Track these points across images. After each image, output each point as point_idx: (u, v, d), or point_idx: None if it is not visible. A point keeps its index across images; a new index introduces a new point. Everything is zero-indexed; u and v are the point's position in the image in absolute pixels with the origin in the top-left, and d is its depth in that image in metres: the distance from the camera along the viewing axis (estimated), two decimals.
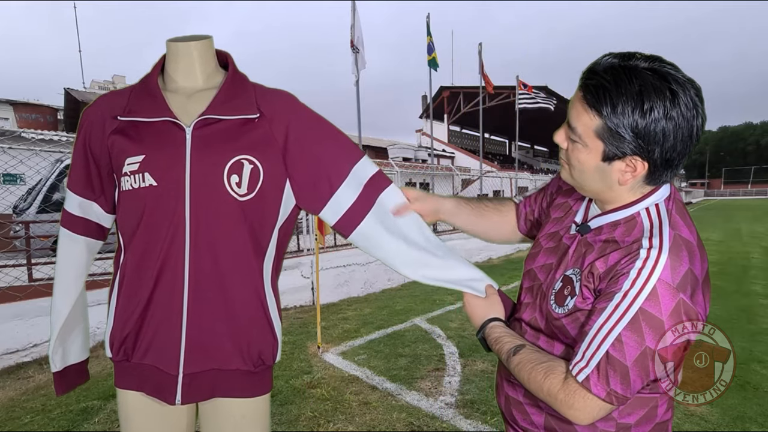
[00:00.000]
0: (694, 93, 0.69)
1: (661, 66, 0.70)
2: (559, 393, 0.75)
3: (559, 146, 0.83)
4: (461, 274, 1.03)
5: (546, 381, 0.77)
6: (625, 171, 0.75)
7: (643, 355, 0.69)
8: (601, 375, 0.71)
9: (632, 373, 0.70)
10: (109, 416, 2.58)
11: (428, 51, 11.37)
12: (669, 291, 0.68)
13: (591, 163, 0.77)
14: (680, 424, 2.45)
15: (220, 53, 1.04)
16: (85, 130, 0.98)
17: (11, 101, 17.46)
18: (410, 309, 4.91)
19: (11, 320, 3.47)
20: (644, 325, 0.68)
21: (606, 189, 0.79)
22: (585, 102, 0.73)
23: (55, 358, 1.04)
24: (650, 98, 0.68)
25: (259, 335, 0.98)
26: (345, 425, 2.46)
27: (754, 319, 4.48)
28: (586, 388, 0.72)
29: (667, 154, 0.71)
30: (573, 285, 0.80)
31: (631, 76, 0.69)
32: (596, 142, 0.74)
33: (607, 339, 0.70)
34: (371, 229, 1.03)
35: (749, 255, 8.86)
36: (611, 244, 0.77)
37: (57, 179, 6.67)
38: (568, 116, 0.78)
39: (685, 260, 0.70)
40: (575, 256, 0.83)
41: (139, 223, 0.92)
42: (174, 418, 1.01)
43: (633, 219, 0.78)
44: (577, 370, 0.73)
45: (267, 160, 0.95)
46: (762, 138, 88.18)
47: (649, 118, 0.69)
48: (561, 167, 0.86)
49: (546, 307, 0.85)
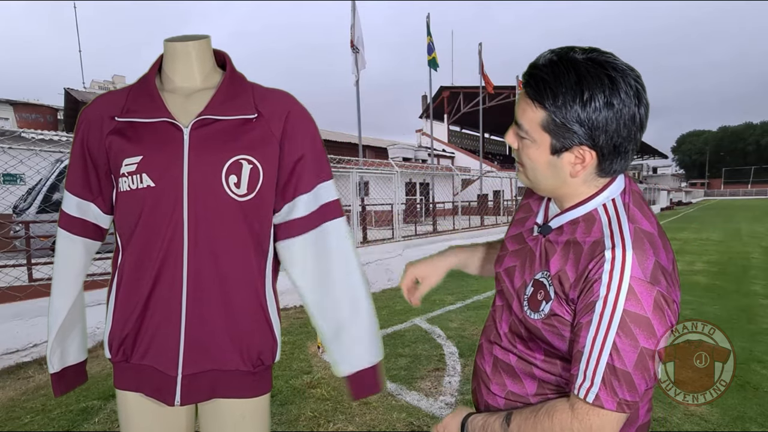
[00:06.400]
0: (633, 79, 0.71)
1: (599, 55, 0.71)
2: (573, 423, 0.72)
3: (511, 148, 0.84)
4: (345, 344, 1.04)
5: (555, 420, 0.74)
6: (575, 163, 0.75)
7: (642, 356, 0.69)
8: (608, 388, 0.69)
9: (636, 378, 0.69)
10: (109, 416, 2.58)
11: (428, 51, 11.38)
12: (644, 286, 0.68)
13: (542, 159, 0.77)
14: (680, 424, 2.44)
15: (218, 53, 1.04)
16: (82, 130, 0.97)
17: (11, 101, 17.45)
18: (410, 309, 4.91)
19: (11, 320, 3.47)
20: (633, 327, 0.68)
21: (560, 184, 0.79)
22: (528, 96, 0.75)
23: (53, 359, 1.03)
24: (589, 86, 0.69)
25: (259, 335, 0.98)
26: (345, 425, 2.46)
27: (754, 319, 4.47)
28: (599, 406, 0.70)
29: (613, 141, 0.72)
30: (546, 289, 0.79)
31: (569, 67, 0.71)
32: (543, 135, 0.75)
33: (603, 351, 0.69)
34: (299, 248, 1.02)
35: (749, 255, 8.86)
36: (574, 246, 0.77)
37: (57, 179, 6.67)
38: (515, 114, 0.79)
39: (650, 253, 0.71)
40: (541, 259, 0.82)
41: (137, 224, 0.92)
42: (173, 418, 1.01)
43: (591, 216, 0.78)
44: (584, 392, 0.71)
45: (266, 160, 0.95)
46: (762, 138, 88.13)
47: (590, 107, 0.70)
48: (517, 171, 0.86)
49: (521, 312, 0.83)
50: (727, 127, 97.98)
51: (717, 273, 7.01)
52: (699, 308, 4.92)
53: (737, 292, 5.65)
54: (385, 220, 9.28)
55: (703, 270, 7.28)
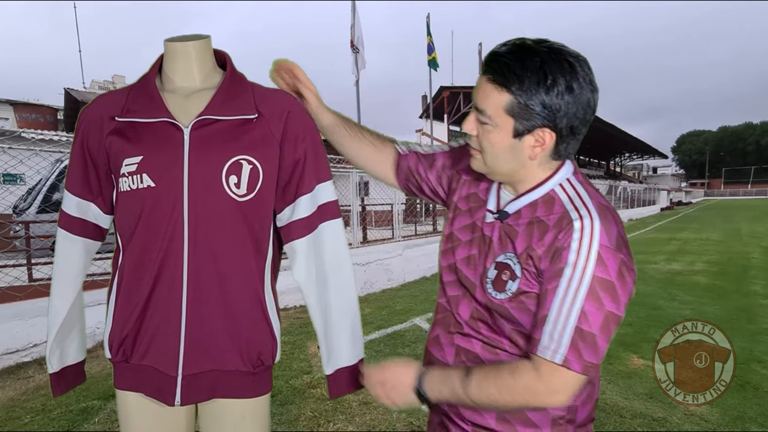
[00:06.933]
0: (585, 66, 0.76)
1: (554, 44, 0.76)
2: (539, 385, 0.75)
3: (468, 136, 0.86)
4: (332, 343, 1.05)
5: (519, 381, 0.77)
6: (535, 146, 0.79)
7: (606, 319, 0.73)
8: (575, 350, 0.73)
9: (599, 340, 0.73)
10: (109, 416, 2.58)
11: (428, 51, 11.38)
12: (611, 253, 0.73)
13: (503, 143, 0.80)
14: (680, 424, 2.44)
15: (218, 53, 1.04)
16: (82, 130, 0.97)
17: (11, 101, 17.45)
18: (410, 309, 4.91)
19: (11, 320, 3.46)
20: (600, 291, 0.72)
21: (519, 167, 0.82)
22: (493, 82, 0.77)
23: (52, 359, 1.03)
24: (552, 71, 0.73)
25: (259, 336, 0.98)
26: (345, 425, 2.46)
27: (754, 319, 4.47)
28: (566, 367, 0.74)
29: (571, 122, 0.76)
30: (512, 269, 0.81)
31: (531, 54, 0.75)
32: (506, 119, 0.78)
33: (571, 314, 0.73)
34: (301, 249, 1.03)
35: (749, 255, 8.86)
36: (537, 224, 0.80)
37: (57, 179, 6.66)
38: (475, 101, 0.82)
39: (613, 223, 0.76)
40: (501, 243, 0.84)
41: (138, 224, 0.92)
42: (173, 418, 1.01)
43: (549, 196, 0.82)
44: (551, 354, 0.74)
45: (266, 160, 0.95)
46: (762, 138, 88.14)
47: (554, 90, 0.74)
48: (472, 158, 0.88)
49: (485, 296, 0.85)
50: (727, 127, 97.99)
51: (717, 273, 7.01)
52: (699, 308, 4.91)
53: (737, 292, 5.65)
54: (385, 220, 9.28)
55: (703, 270, 7.28)
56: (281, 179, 1.00)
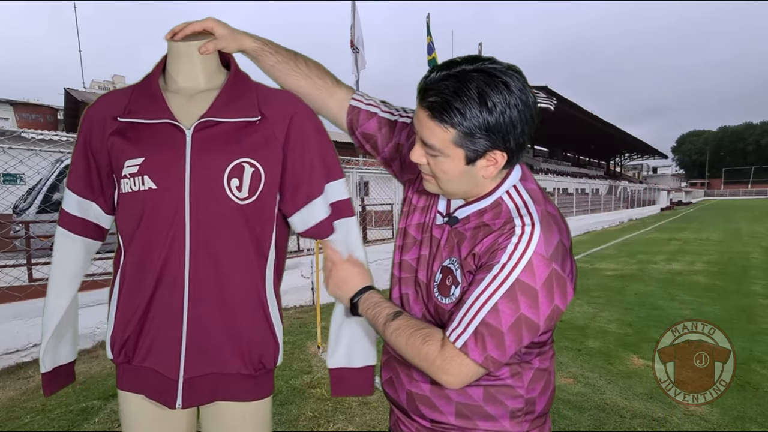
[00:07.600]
0: (518, 77, 0.75)
1: (484, 64, 0.75)
2: (437, 359, 0.78)
3: (419, 164, 0.85)
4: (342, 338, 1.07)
5: (424, 347, 0.79)
6: (488, 166, 0.80)
7: (518, 321, 0.74)
8: (479, 340, 0.75)
9: (507, 339, 0.75)
10: (109, 416, 2.57)
11: (428, 51, 11.36)
12: (543, 262, 0.74)
13: (456, 170, 0.80)
14: (680, 424, 2.44)
15: (223, 53, 1.03)
16: (85, 129, 0.97)
17: (11, 101, 17.45)
18: None
19: (11, 320, 3.46)
20: (519, 294, 0.74)
21: (473, 187, 0.84)
22: (434, 119, 0.76)
23: (45, 359, 1.02)
24: (489, 95, 0.73)
25: (260, 339, 0.97)
26: (345, 425, 2.46)
27: (754, 319, 4.47)
28: (464, 354, 0.76)
29: (519, 139, 0.77)
30: (454, 274, 0.83)
31: (466, 81, 0.74)
32: (456, 150, 0.78)
33: (484, 307, 0.75)
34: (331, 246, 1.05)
35: (749, 255, 8.86)
36: (483, 229, 0.82)
37: (57, 179, 6.66)
38: (420, 135, 0.81)
39: (555, 232, 0.77)
40: (448, 247, 0.86)
41: (139, 226, 0.92)
42: (175, 421, 1.00)
43: (497, 203, 0.83)
44: (455, 336, 0.77)
45: (268, 163, 0.94)
46: (762, 138, 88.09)
47: (496, 113, 0.74)
48: (426, 181, 0.88)
49: (432, 300, 0.87)
50: (727, 127, 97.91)
51: (717, 273, 7.01)
52: (699, 308, 4.91)
53: (737, 292, 5.65)
54: (385, 220, 9.28)
55: (703, 270, 7.28)
56: (288, 183, 0.99)
